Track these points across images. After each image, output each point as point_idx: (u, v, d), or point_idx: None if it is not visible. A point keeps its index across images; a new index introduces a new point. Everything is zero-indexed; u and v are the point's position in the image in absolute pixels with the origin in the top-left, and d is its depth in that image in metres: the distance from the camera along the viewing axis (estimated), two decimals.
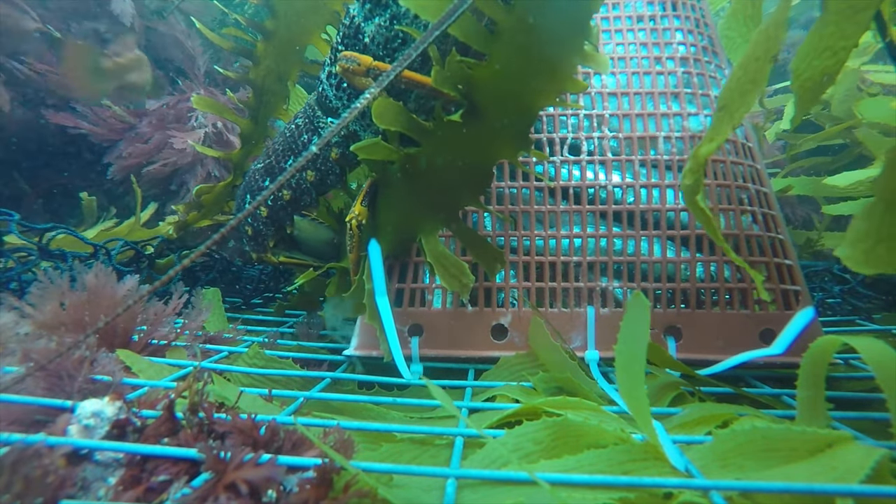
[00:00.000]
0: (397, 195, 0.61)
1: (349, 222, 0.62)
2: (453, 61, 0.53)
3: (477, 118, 0.55)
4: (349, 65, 0.57)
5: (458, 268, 0.59)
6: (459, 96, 0.54)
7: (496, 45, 0.52)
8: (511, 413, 0.48)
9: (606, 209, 0.65)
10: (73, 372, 0.45)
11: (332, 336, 0.79)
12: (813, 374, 0.40)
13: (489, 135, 0.56)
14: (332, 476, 0.34)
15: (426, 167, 0.58)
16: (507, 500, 0.34)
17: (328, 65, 0.66)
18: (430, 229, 0.61)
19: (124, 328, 0.60)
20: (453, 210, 0.61)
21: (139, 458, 0.37)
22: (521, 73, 0.52)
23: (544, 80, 0.53)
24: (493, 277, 0.63)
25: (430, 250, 0.60)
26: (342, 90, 0.65)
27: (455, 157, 0.57)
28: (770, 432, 0.36)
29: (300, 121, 0.74)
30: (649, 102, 0.68)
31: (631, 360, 0.40)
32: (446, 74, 0.53)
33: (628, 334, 0.41)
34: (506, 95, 0.54)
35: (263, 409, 0.48)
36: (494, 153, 0.57)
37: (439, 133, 0.56)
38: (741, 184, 0.65)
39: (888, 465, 0.33)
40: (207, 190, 1.01)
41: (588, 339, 0.63)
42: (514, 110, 0.54)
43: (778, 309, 0.62)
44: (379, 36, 0.59)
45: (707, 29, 0.74)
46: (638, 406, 0.39)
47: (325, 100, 0.68)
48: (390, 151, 0.58)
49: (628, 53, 0.71)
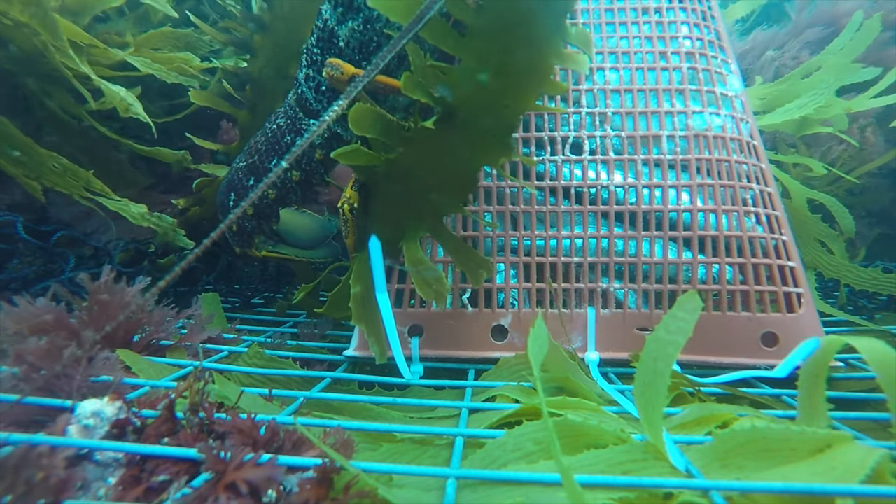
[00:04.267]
0: (382, 198, 0.60)
1: (341, 207, 0.62)
2: (424, 66, 0.51)
3: (453, 124, 0.53)
4: (334, 72, 0.57)
5: (435, 277, 0.58)
6: (433, 102, 0.52)
7: (468, 48, 0.50)
8: (511, 413, 0.48)
9: (608, 209, 0.65)
10: (70, 372, 0.45)
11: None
12: (813, 374, 0.40)
13: (467, 141, 0.54)
14: (333, 476, 0.34)
15: (407, 172, 0.57)
16: (507, 500, 0.34)
17: (305, 66, 0.66)
18: (413, 235, 0.59)
19: (126, 328, 0.60)
20: (436, 216, 0.59)
21: (139, 458, 0.37)
22: (495, 77, 0.50)
23: (520, 83, 0.51)
24: (477, 285, 0.61)
25: (409, 256, 0.59)
26: (321, 93, 0.65)
27: (435, 163, 0.56)
28: (770, 432, 0.36)
29: (282, 121, 0.74)
30: (653, 99, 0.68)
31: (659, 355, 0.39)
32: (417, 80, 0.51)
33: (670, 327, 0.39)
34: (481, 100, 0.52)
35: (263, 408, 0.48)
36: (474, 159, 0.55)
37: (417, 139, 0.55)
38: (745, 183, 0.65)
39: (888, 465, 0.32)
40: (207, 183, 1.00)
41: (588, 339, 0.63)
42: (491, 115, 0.53)
43: (780, 312, 0.62)
44: (353, 40, 0.59)
45: (714, 22, 0.73)
46: (650, 406, 0.38)
47: (305, 102, 0.68)
48: (371, 157, 0.56)
49: (632, 48, 0.70)
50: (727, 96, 0.69)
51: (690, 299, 0.39)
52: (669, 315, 0.39)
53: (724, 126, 0.67)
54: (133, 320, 0.60)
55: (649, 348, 0.39)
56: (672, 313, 0.39)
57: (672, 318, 0.39)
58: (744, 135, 0.68)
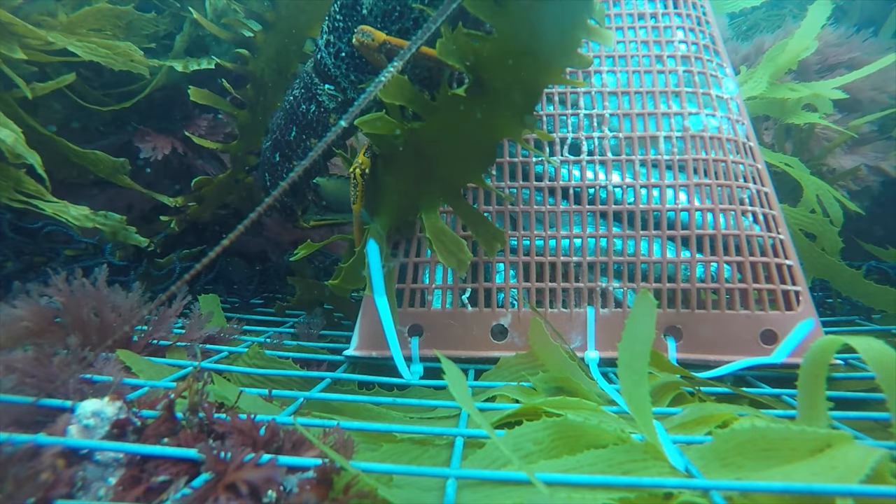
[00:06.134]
0: (400, 169, 0.61)
1: (353, 172, 0.62)
2: (460, 34, 0.52)
3: (482, 93, 0.54)
4: (365, 39, 0.57)
5: (456, 244, 0.59)
6: (465, 70, 0.54)
7: (502, 18, 0.51)
8: (511, 413, 0.48)
9: (606, 209, 0.65)
10: (61, 375, 0.44)
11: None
12: (813, 374, 0.40)
13: (494, 111, 0.55)
14: (333, 476, 0.34)
15: (429, 142, 0.58)
16: (507, 500, 0.34)
17: (325, 32, 0.67)
18: (432, 205, 0.60)
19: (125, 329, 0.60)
20: (455, 187, 0.60)
21: (139, 458, 0.37)
22: (526, 48, 0.52)
23: (549, 55, 0.52)
24: (492, 255, 0.62)
25: (429, 226, 0.59)
26: (340, 59, 0.66)
27: (459, 133, 0.57)
28: (770, 432, 0.36)
29: (297, 91, 0.75)
30: (650, 101, 0.68)
31: (634, 358, 0.40)
32: (451, 47, 0.52)
33: (633, 333, 0.41)
34: (511, 70, 0.53)
35: (263, 409, 0.48)
36: (498, 130, 0.56)
37: (443, 108, 0.56)
38: (742, 183, 0.65)
39: (888, 465, 0.33)
40: (206, 182, 0.99)
41: (588, 339, 0.63)
42: (520, 86, 0.54)
43: (778, 310, 0.62)
44: (377, 8, 0.59)
45: (708, 27, 0.74)
46: (639, 406, 0.39)
47: (323, 67, 0.68)
48: (393, 126, 0.57)
49: (629, 52, 0.71)
50: (722, 98, 0.69)
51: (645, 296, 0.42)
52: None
53: (719, 127, 0.67)
54: (131, 318, 0.60)
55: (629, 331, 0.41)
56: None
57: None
58: (739, 136, 0.69)
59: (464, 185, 0.61)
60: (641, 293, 0.42)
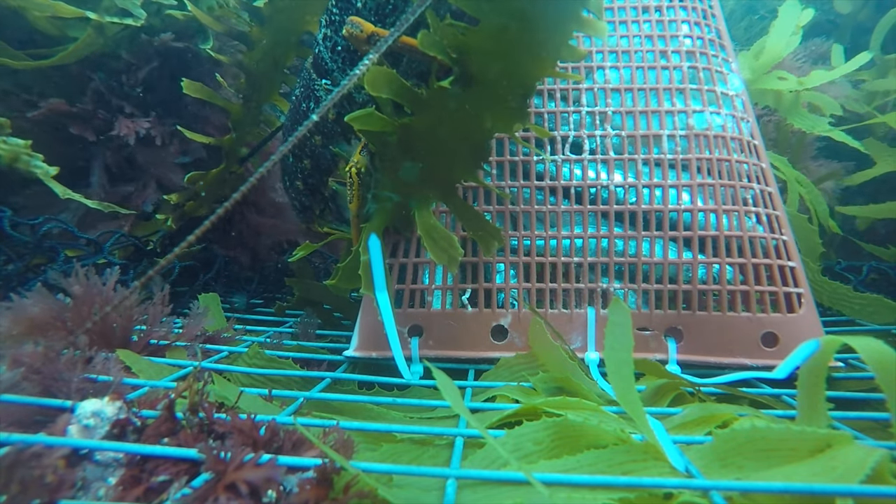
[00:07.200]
0: (392, 166, 0.60)
1: (349, 171, 0.62)
2: (444, 25, 0.51)
3: (469, 86, 0.53)
4: (354, 30, 0.57)
5: (447, 240, 0.58)
6: (451, 62, 0.52)
7: (488, 8, 0.50)
8: (511, 413, 0.48)
9: (608, 209, 0.65)
10: (66, 373, 0.45)
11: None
12: (813, 374, 0.40)
13: (483, 105, 0.54)
14: (333, 476, 0.34)
15: (420, 137, 0.56)
16: (507, 500, 0.34)
17: (323, 27, 0.67)
18: (424, 202, 0.59)
19: (123, 327, 0.60)
20: (449, 183, 0.59)
21: (139, 458, 0.37)
22: (515, 39, 0.50)
23: (539, 47, 0.51)
24: (489, 254, 0.61)
25: (421, 223, 0.58)
26: (337, 53, 0.66)
27: (448, 128, 0.56)
28: (770, 432, 0.36)
29: (299, 91, 0.75)
30: (653, 99, 0.67)
31: (620, 365, 0.41)
32: (434, 38, 0.51)
33: (613, 341, 0.42)
34: (499, 62, 0.52)
35: (263, 409, 0.48)
36: (489, 124, 0.55)
37: (433, 102, 0.54)
38: (746, 183, 0.65)
39: (888, 465, 0.32)
40: (200, 177, 0.98)
41: (588, 339, 0.63)
42: (509, 79, 0.53)
43: (780, 312, 0.62)
44: (371, 2, 0.59)
45: (714, 21, 0.73)
46: (633, 408, 0.39)
47: (320, 62, 0.68)
48: (384, 122, 0.56)
49: (632, 47, 0.70)
50: (727, 95, 0.69)
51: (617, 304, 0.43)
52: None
53: (724, 125, 0.67)
54: (127, 315, 0.60)
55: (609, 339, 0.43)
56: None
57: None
58: (744, 134, 0.68)
59: (457, 182, 0.60)
60: (613, 301, 0.43)
